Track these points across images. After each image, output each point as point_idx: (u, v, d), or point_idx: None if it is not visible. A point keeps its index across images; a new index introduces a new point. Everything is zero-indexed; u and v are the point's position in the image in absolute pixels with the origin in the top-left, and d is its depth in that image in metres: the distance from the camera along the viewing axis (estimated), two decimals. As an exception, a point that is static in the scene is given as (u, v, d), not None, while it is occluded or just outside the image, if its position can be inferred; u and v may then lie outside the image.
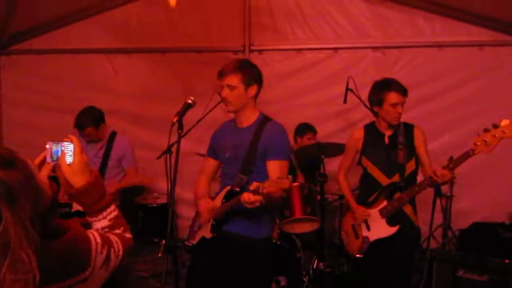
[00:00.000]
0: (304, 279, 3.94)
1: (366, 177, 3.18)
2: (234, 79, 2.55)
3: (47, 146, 1.46)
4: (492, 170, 4.70)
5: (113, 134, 3.86)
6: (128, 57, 5.20)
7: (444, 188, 4.27)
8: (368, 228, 3.11)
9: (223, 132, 2.82)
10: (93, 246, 1.29)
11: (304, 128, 4.60)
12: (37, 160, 1.44)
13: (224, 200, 2.62)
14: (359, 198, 3.24)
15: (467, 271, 3.41)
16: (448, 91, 4.76)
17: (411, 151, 3.04)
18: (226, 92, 2.56)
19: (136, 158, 3.96)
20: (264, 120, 2.68)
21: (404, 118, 3.10)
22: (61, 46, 5.23)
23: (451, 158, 3.28)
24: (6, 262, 0.82)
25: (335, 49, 4.96)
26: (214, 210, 2.67)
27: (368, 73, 4.80)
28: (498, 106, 4.64)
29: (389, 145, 3.07)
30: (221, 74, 2.57)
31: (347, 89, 4.16)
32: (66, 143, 1.45)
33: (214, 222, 2.65)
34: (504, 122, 2.64)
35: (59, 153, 1.45)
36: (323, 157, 3.91)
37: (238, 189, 2.56)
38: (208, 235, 2.65)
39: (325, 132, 4.84)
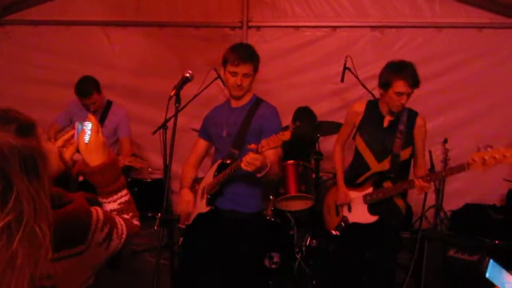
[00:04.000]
0: (297, 256, 3.99)
1: (356, 156, 3.10)
2: (249, 68, 2.63)
3: (75, 125, 1.50)
4: (485, 153, 4.72)
5: (109, 103, 3.85)
6: (124, 31, 5.13)
7: (437, 169, 4.29)
8: (349, 209, 3.12)
9: (217, 113, 2.87)
10: (93, 222, 1.28)
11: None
12: (65, 137, 1.49)
13: (216, 173, 2.69)
14: (347, 176, 3.18)
15: (457, 251, 3.46)
16: (446, 73, 4.75)
17: (409, 140, 2.94)
18: (241, 80, 2.62)
19: (131, 129, 3.96)
20: (258, 100, 2.80)
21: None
22: (56, 18, 5.14)
23: (430, 169, 3.22)
24: (18, 236, 0.79)
25: (334, 27, 4.91)
26: (207, 186, 2.73)
27: (366, 52, 4.78)
28: (496, 88, 4.66)
29: (387, 130, 2.96)
30: (235, 62, 2.58)
31: (345, 68, 4.15)
32: (87, 122, 1.47)
33: (209, 196, 2.70)
34: (509, 149, 2.53)
35: (79, 132, 1.48)
36: (318, 135, 3.91)
37: (229, 161, 2.63)
38: (204, 209, 2.70)
39: (322, 110, 4.82)
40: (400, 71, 2.78)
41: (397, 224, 3.15)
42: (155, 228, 2.58)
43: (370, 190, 3.01)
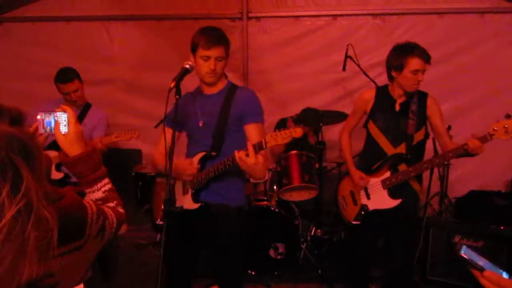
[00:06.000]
0: (302, 246, 4.01)
1: (370, 143, 3.07)
2: (222, 51, 2.49)
3: (38, 117, 1.47)
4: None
5: (89, 104, 3.83)
6: (123, 25, 5.11)
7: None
8: (368, 197, 3.05)
9: (189, 101, 2.69)
10: (89, 214, 1.27)
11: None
12: (30, 131, 1.43)
13: (199, 166, 2.55)
14: (359, 164, 3.15)
15: (462, 237, 3.45)
16: (448, 59, 4.70)
17: (422, 121, 2.93)
18: (214, 64, 2.47)
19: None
20: (233, 86, 2.65)
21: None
22: (56, 14, 5.12)
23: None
24: (30, 221, 0.82)
25: (334, 16, 4.87)
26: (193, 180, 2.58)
27: (367, 40, 4.75)
28: (499, 74, 4.62)
29: (400, 113, 2.95)
30: (207, 45, 2.45)
31: (346, 56, 4.12)
32: (60, 113, 1.45)
33: (193, 191, 2.58)
34: None
35: (52, 124, 1.46)
36: (321, 125, 3.90)
37: (215, 154, 2.53)
38: (192, 206, 2.55)
39: (324, 100, 4.82)
40: (413, 50, 2.82)
41: (415, 208, 3.14)
42: (159, 220, 2.59)
43: (387, 174, 2.97)
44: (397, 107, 2.97)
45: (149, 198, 4.58)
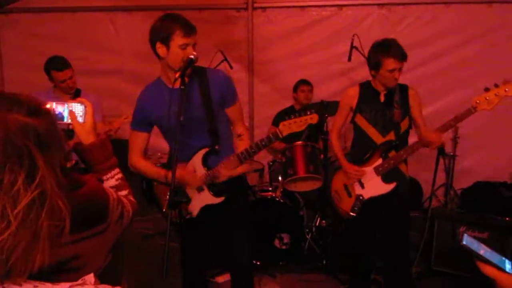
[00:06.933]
0: (307, 236, 4.02)
1: (359, 136, 3.13)
2: (196, 38, 2.40)
3: (48, 106, 1.48)
4: (495, 130, 4.68)
5: (78, 90, 3.84)
6: (129, 15, 5.10)
7: (447, 148, 4.27)
8: (362, 186, 3.10)
9: (157, 99, 2.45)
10: (111, 200, 1.34)
11: (297, 83, 4.67)
12: None
13: (203, 164, 2.49)
14: (350, 158, 3.20)
15: (468, 229, 3.45)
16: (455, 49, 4.68)
17: (406, 110, 3.03)
18: (193, 51, 2.33)
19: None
20: (199, 70, 2.46)
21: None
22: (60, 5, 5.12)
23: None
24: (44, 210, 0.85)
25: (340, 6, 4.85)
26: (204, 177, 2.51)
27: (373, 30, 4.72)
28: (506, 65, 4.57)
29: (385, 103, 3.04)
30: (186, 33, 2.33)
31: (352, 47, 4.10)
32: (75, 104, 1.52)
33: (210, 189, 2.52)
34: (508, 83, 2.71)
35: (64, 114, 1.52)
36: (326, 115, 3.89)
37: (218, 147, 2.47)
38: (215, 200, 2.51)
39: (329, 91, 4.80)
40: (387, 50, 2.90)
41: (408, 195, 3.17)
42: (164, 210, 2.60)
43: (379, 161, 3.04)
44: (382, 98, 3.05)
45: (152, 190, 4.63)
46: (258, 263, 3.85)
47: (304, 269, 3.84)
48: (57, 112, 1.52)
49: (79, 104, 1.52)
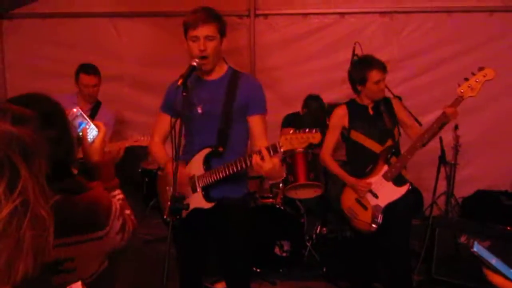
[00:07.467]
0: (308, 243, 4.01)
1: (357, 150, 3.13)
2: (211, 29, 2.30)
3: (75, 110, 1.59)
4: (496, 139, 4.69)
5: (99, 102, 3.88)
6: (132, 21, 5.13)
7: (448, 156, 4.27)
8: (376, 196, 3.05)
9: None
10: (113, 209, 1.37)
11: (306, 99, 4.54)
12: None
13: (204, 164, 2.44)
14: (350, 172, 3.16)
15: (469, 237, 3.44)
16: (457, 58, 4.69)
17: (394, 119, 3.10)
18: (203, 44, 2.28)
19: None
20: (235, 72, 2.48)
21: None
22: (64, 10, 5.16)
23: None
24: (26, 219, 0.83)
25: (342, 14, 4.87)
26: (200, 178, 2.46)
27: (375, 38, 4.74)
28: (507, 73, 4.57)
29: (374, 115, 3.11)
30: (194, 25, 2.28)
31: (354, 54, 4.11)
32: (93, 125, 1.57)
33: (203, 192, 2.46)
34: (483, 69, 2.95)
35: (82, 126, 1.58)
36: (328, 121, 3.89)
37: (222, 149, 2.42)
38: (206, 205, 2.45)
39: (331, 98, 4.79)
40: (370, 63, 3.04)
41: (412, 201, 3.21)
42: (165, 217, 2.59)
43: (385, 168, 3.03)
44: (371, 111, 3.13)
45: (155, 193, 4.63)
46: (258, 270, 3.84)
47: (305, 276, 3.83)
48: (78, 121, 1.58)
49: (95, 128, 1.56)
